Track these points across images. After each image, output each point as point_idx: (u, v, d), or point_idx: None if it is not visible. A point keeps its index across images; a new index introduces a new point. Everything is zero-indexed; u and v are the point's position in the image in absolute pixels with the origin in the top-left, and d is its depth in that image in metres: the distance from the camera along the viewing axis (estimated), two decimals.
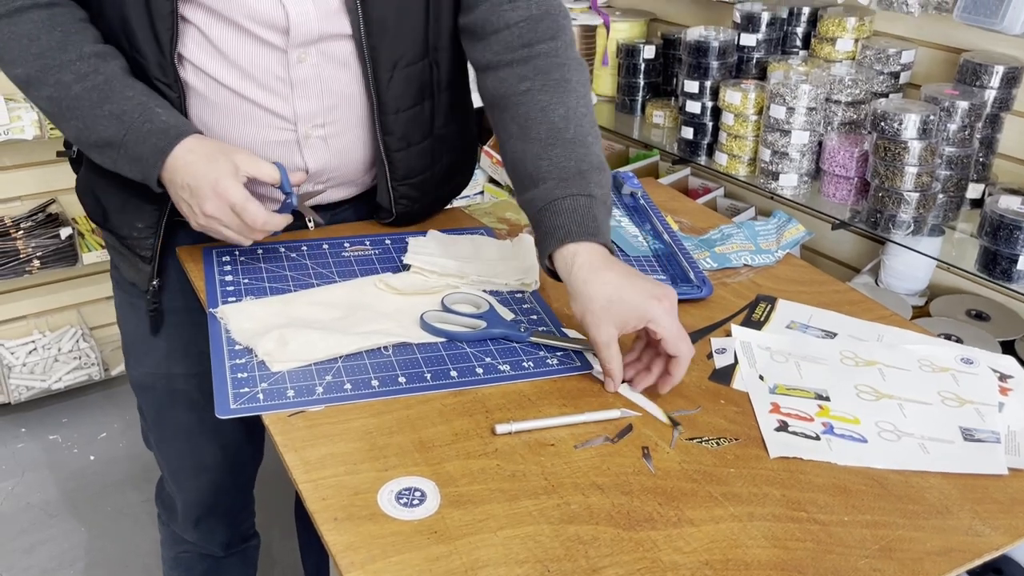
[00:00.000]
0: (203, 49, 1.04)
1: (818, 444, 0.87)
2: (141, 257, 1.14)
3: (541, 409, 0.90)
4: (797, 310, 1.11)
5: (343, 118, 1.11)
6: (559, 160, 0.98)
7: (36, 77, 1.01)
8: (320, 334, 0.96)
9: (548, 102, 1.00)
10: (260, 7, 1.01)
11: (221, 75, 1.05)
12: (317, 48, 1.06)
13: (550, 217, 0.96)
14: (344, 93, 1.10)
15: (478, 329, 1.01)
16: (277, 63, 1.05)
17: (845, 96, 1.72)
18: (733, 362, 1.00)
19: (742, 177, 1.84)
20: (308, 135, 1.11)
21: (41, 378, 2.38)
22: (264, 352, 0.94)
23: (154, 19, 1.00)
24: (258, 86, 1.06)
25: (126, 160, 1.01)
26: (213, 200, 0.98)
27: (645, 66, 2.15)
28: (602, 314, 0.90)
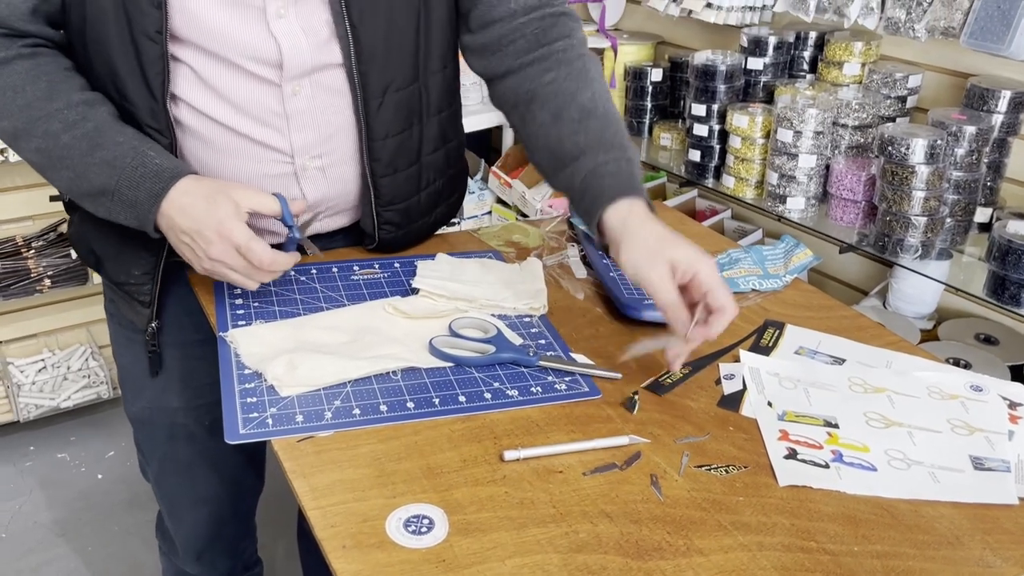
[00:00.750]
0: (196, 88, 1.03)
1: (827, 472, 0.87)
2: (139, 302, 1.13)
3: (549, 435, 0.90)
4: (806, 336, 1.11)
5: (339, 147, 1.11)
6: (595, 132, 1.02)
7: (24, 129, 0.99)
8: (329, 359, 0.97)
9: (575, 88, 1.05)
10: (252, 43, 1.00)
11: (216, 113, 1.04)
12: (310, 79, 1.05)
13: (598, 180, 0.99)
14: (338, 122, 1.09)
15: (487, 354, 1.01)
16: (272, 97, 1.04)
17: (852, 120, 1.72)
18: (742, 388, 1.00)
19: (749, 200, 1.85)
20: (306, 167, 1.10)
21: (50, 396, 2.39)
22: (273, 377, 0.94)
23: (144, 64, 0.99)
24: (254, 121, 1.05)
25: (121, 207, 0.99)
26: (217, 243, 0.96)
27: (652, 89, 2.16)
28: (657, 254, 0.92)
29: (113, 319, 1.25)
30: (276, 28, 1.00)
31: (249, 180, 1.08)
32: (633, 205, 0.97)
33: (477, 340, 1.03)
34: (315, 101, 1.06)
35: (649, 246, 0.93)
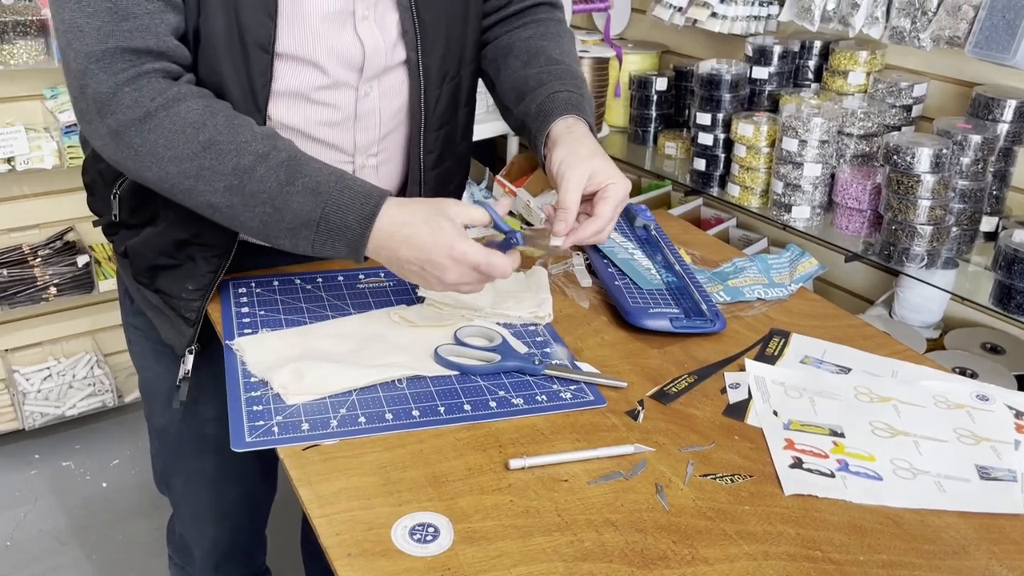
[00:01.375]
0: (277, 99, 1.03)
1: (833, 481, 0.87)
2: (185, 319, 1.10)
3: (555, 444, 0.90)
4: (811, 345, 1.11)
5: (391, 144, 1.16)
6: (557, 74, 1.14)
7: (208, 168, 0.93)
8: (335, 367, 0.97)
9: (548, 45, 1.18)
10: (343, 46, 1.03)
11: (287, 118, 1.05)
12: (378, 80, 1.09)
13: (551, 102, 1.11)
14: (395, 121, 1.14)
15: (492, 363, 1.01)
16: (348, 99, 1.07)
17: (857, 129, 1.72)
18: (747, 397, 1.00)
19: (754, 208, 1.85)
20: (363, 165, 1.14)
21: (55, 404, 2.39)
22: (279, 385, 0.94)
23: (252, 75, 0.99)
24: (328, 124, 1.08)
25: (328, 236, 0.95)
26: (453, 268, 0.94)
27: (657, 98, 2.17)
28: (583, 160, 1.04)
29: (139, 333, 1.23)
30: (362, 30, 1.04)
31: None
32: (578, 122, 1.10)
33: (482, 349, 1.03)
34: (380, 101, 1.11)
35: (579, 152, 1.05)
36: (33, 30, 2.07)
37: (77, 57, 0.92)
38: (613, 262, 1.25)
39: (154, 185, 0.97)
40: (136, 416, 2.57)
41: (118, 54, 0.92)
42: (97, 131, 0.95)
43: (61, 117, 2.17)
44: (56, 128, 2.18)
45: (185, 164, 0.93)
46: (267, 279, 1.18)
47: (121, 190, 1.10)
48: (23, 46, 2.06)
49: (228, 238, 1.07)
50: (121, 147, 0.94)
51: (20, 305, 2.25)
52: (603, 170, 1.05)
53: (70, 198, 2.40)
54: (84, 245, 2.37)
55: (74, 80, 0.93)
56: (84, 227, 2.44)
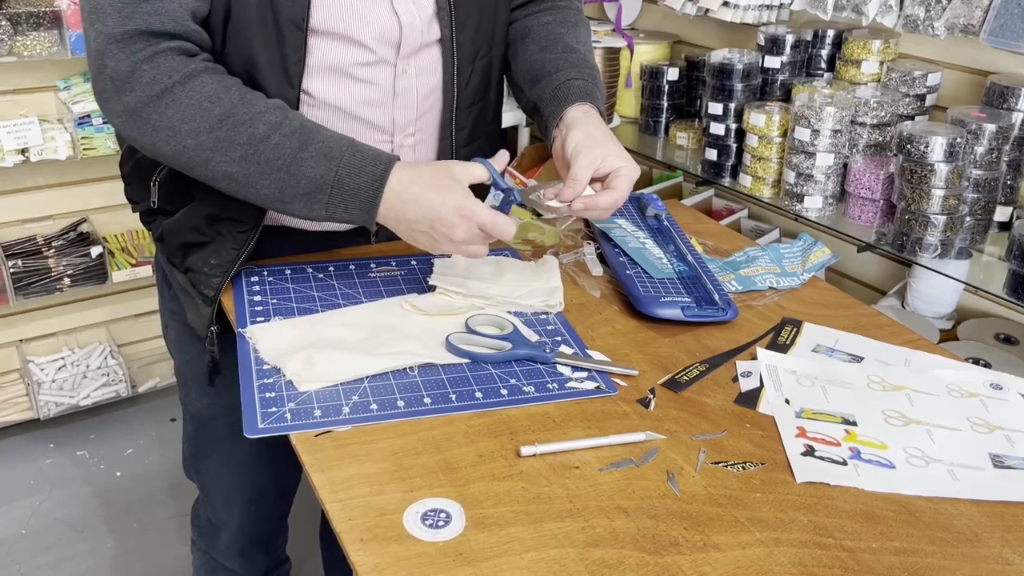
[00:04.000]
0: (319, 74, 1.05)
1: (845, 469, 0.87)
2: (203, 296, 1.11)
3: (566, 431, 0.90)
4: (823, 333, 1.11)
5: (428, 124, 1.17)
6: (574, 62, 1.17)
7: (225, 139, 0.96)
8: (347, 354, 0.97)
9: (566, 32, 1.21)
10: (380, 22, 1.05)
11: (330, 96, 1.07)
12: (415, 57, 1.11)
13: (566, 88, 1.14)
14: (431, 99, 1.16)
15: (503, 351, 1.01)
16: (386, 76, 1.09)
17: (870, 118, 1.71)
18: (759, 385, 1.00)
19: (766, 199, 1.84)
20: (401, 144, 1.15)
21: (70, 394, 2.41)
22: (292, 372, 0.95)
23: (285, 53, 1.01)
24: (365, 102, 1.09)
25: (341, 199, 0.97)
26: (462, 225, 0.96)
27: (669, 88, 2.16)
28: (596, 144, 1.07)
29: (176, 318, 1.25)
30: (398, 6, 1.07)
31: None
32: (592, 110, 1.13)
33: (493, 337, 1.03)
34: (416, 80, 1.12)
35: (595, 135, 1.08)
36: (47, 22, 2.08)
37: (97, 37, 0.95)
38: (624, 251, 1.25)
39: (170, 159, 0.99)
40: (150, 406, 2.59)
41: (136, 36, 0.95)
42: (114, 109, 0.97)
43: (75, 108, 2.18)
44: (70, 119, 2.19)
45: (202, 136, 0.96)
46: (279, 268, 1.18)
47: (161, 177, 1.12)
48: (36, 38, 2.07)
49: (256, 214, 1.09)
50: (139, 123, 0.97)
51: (35, 295, 2.27)
52: (617, 154, 1.08)
53: (84, 189, 2.41)
54: (98, 236, 2.39)
55: (93, 60, 0.96)
56: (98, 218, 2.45)
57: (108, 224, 2.48)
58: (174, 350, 1.30)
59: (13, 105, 2.24)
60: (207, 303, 1.11)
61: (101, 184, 2.42)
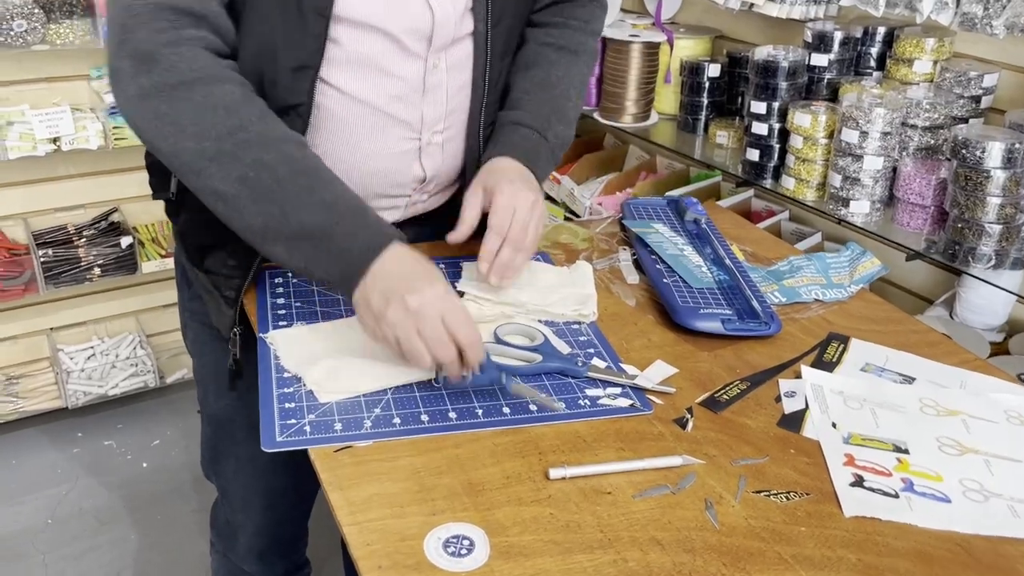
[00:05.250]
0: (342, 65, 1.01)
1: (897, 503, 0.81)
2: (225, 298, 1.07)
3: (597, 452, 0.85)
4: (872, 351, 1.05)
5: (457, 120, 1.13)
6: (538, 102, 1.14)
7: (229, 153, 0.90)
8: (370, 364, 0.93)
9: (556, 60, 1.16)
10: (412, 13, 1.00)
11: (358, 89, 1.02)
12: (446, 52, 1.06)
13: (509, 134, 1.12)
14: (460, 95, 1.11)
15: (534, 363, 0.97)
16: (415, 71, 1.04)
17: (922, 120, 1.64)
18: (804, 407, 0.94)
19: (810, 202, 1.77)
20: (429, 142, 1.10)
21: (98, 384, 2.41)
22: (312, 381, 0.91)
23: (305, 39, 0.96)
24: (394, 97, 1.04)
25: (326, 254, 0.90)
26: (434, 324, 0.85)
27: (709, 85, 2.09)
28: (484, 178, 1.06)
29: (196, 318, 1.22)
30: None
31: (375, 156, 1.07)
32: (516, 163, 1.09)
33: (523, 348, 0.99)
34: (447, 75, 1.08)
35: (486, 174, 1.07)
36: (80, 10, 2.06)
37: (119, 11, 0.90)
38: (661, 258, 1.20)
39: (165, 157, 0.94)
40: (177, 397, 2.58)
41: (159, 11, 0.89)
42: (125, 90, 0.91)
43: (107, 98, 2.16)
44: (102, 108, 2.18)
45: (205, 143, 0.90)
46: None
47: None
48: (70, 26, 2.05)
49: None
50: (145, 109, 0.91)
51: (64, 285, 2.27)
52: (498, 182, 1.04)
53: (115, 179, 2.40)
54: (128, 226, 2.38)
55: (114, 35, 0.91)
56: (129, 208, 2.44)
57: (139, 214, 2.47)
58: (193, 350, 1.27)
59: (47, 93, 2.23)
60: (229, 304, 1.08)
61: (133, 174, 2.40)
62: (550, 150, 1.13)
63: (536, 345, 1.00)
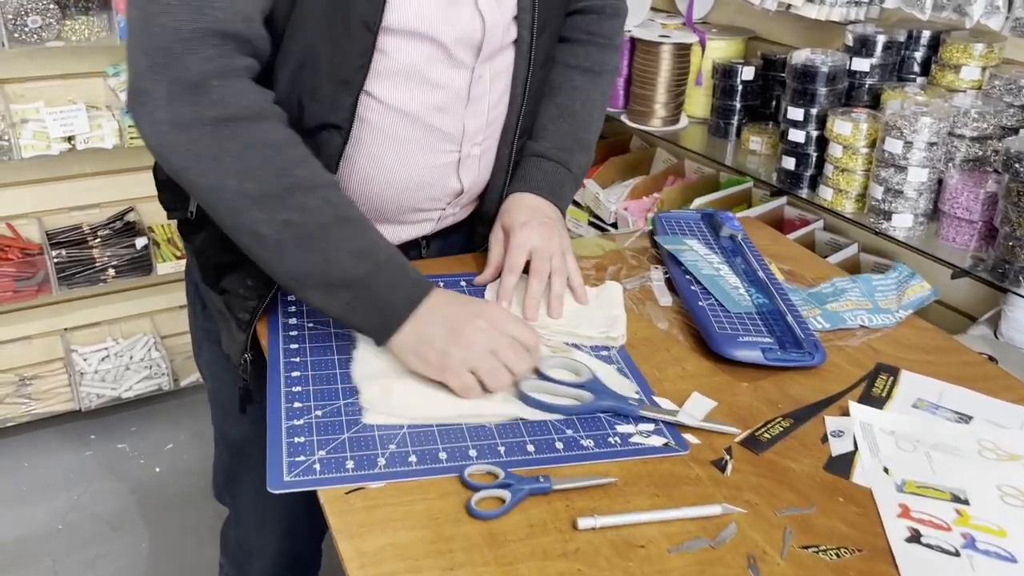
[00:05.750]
0: (387, 77, 0.95)
1: (958, 563, 0.74)
2: (238, 321, 1.02)
3: (630, 499, 0.79)
4: (924, 385, 0.98)
5: (494, 132, 1.10)
6: (562, 132, 1.14)
7: (276, 196, 0.86)
8: (423, 392, 0.88)
9: (580, 85, 1.16)
10: (463, 21, 0.97)
11: (401, 101, 0.98)
12: (491, 61, 1.03)
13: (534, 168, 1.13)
14: (500, 105, 1.08)
15: (585, 402, 0.89)
16: (462, 81, 1.01)
17: (970, 130, 1.55)
18: (852, 449, 0.87)
19: (848, 214, 1.69)
20: (468, 154, 1.07)
21: (112, 386, 2.37)
22: (366, 399, 0.87)
23: (350, 55, 0.91)
24: (436, 108, 1.00)
25: (365, 305, 0.89)
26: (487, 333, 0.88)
27: (743, 88, 2.01)
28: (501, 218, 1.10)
29: (210, 338, 1.16)
30: (482, 5, 0.98)
31: (413, 170, 1.03)
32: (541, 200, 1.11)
33: (571, 385, 0.91)
34: (489, 84, 1.04)
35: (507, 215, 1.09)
36: (95, 5, 2.02)
37: (163, 34, 0.83)
38: (696, 278, 1.13)
39: (199, 191, 0.89)
40: (191, 400, 2.54)
41: (207, 36, 0.83)
42: (152, 114, 0.85)
43: (123, 96, 2.12)
44: (118, 107, 2.13)
45: (249, 183, 0.86)
46: None
47: None
48: (85, 22, 2.01)
49: None
50: (180, 139, 0.85)
51: (78, 286, 2.23)
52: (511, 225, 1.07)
53: (131, 177, 2.36)
54: (144, 226, 2.34)
55: (150, 55, 0.83)
56: (144, 207, 2.40)
57: (155, 214, 2.43)
58: (207, 373, 1.22)
59: (63, 90, 2.19)
60: (241, 328, 1.02)
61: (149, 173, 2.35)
62: (573, 180, 1.15)
63: (584, 382, 0.92)
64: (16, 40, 1.93)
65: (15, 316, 2.33)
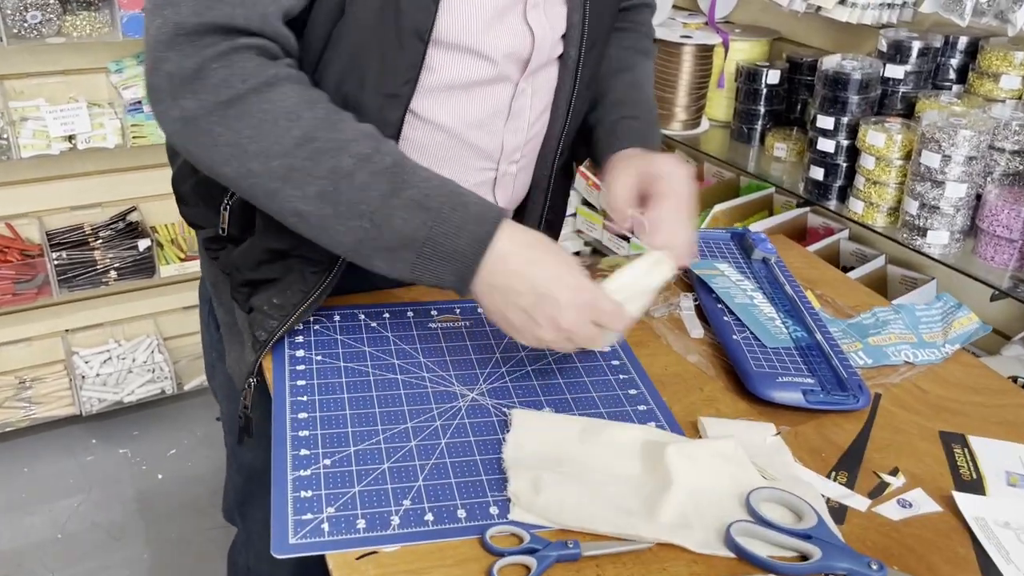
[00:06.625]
0: (430, 93, 0.90)
1: None
2: (255, 339, 0.94)
3: (666, 566, 0.72)
4: (1002, 453, 0.88)
5: (531, 150, 1.05)
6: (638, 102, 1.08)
7: (301, 168, 0.79)
8: (578, 495, 0.77)
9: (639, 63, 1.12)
10: (512, 33, 0.91)
11: (442, 117, 0.92)
12: (534, 77, 0.98)
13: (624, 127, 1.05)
14: (540, 122, 1.03)
15: (812, 559, 0.72)
16: (504, 97, 0.95)
17: (1010, 143, 1.48)
18: None
19: (880, 228, 1.62)
20: (505, 172, 1.02)
21: (114, 390, 2.31)
22: (514, 491, 0.77)
23: (400, 66, 0.85)
24: (476, 124, 0.95)
25: (434, 261, 0.81)
26: (573, 311, 0.80)
27: (767, 92, 1.94)
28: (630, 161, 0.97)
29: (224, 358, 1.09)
30: (532, 18, 0.93)
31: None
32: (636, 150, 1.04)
33: (791, 533, 0.74)
34: (531, 100, 0.99)
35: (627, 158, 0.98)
36: (97, 0, 1.94)
37: (164, 27, 0.77)
38: (729, 308, 1.06)
39: (231, 182, 0.82)
40: (195, 404, 2.49)
41: (211, 30, 0.77)
42: (167, 113, 0.80)
43: (126, 94, 2.05)
44: (120, 105, 2.07)
45: (273, 161, 0.79)
46: (327, 312, 1.02)
47: (233, 201, 0.95)
48: (87, 17, 1.94)
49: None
50: (196, 134, 0.80)
51: (79, 288, 2.17)
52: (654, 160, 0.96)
53: (134, 176, 2.30)
54: (147, 227, 2.27)
55: (152, 51, 0.78)
56: (148, 207, 2.34)
57: (158, 214, 2.36)
58: (221, 395, 1.15)
59: (64, 87, 2.12)
60: (256, 347, 0.94)
61: (152, 171, 2.30)
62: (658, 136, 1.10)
63: (808, 528, 0.75)
64: (15, 36, 1.87)
65: (14, 317, 2.28)
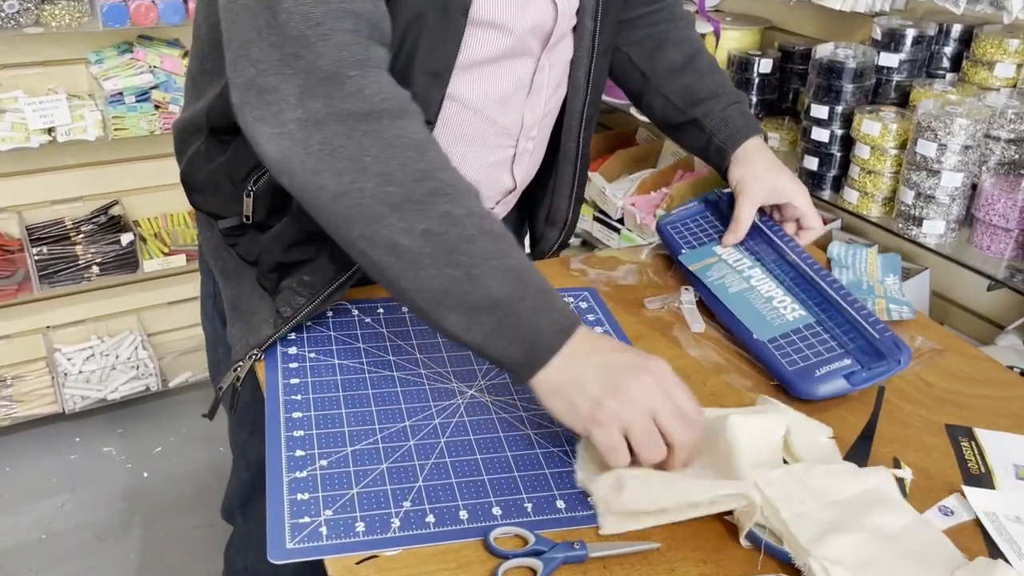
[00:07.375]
0: (462, 71, 0.89)
1: None
2: (277, 314, 0.91)
3: (674, 567, 0.70)
4: (1010, 446, 0.86)
5: (545, 126, 1.06)
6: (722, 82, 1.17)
7: (418, 202, 0.75)
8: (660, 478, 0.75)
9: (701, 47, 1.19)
10: (538, 7, 0.92)
11: (468, 95, 0.92)
12: (552, 51, 0.98)
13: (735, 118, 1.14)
14: (556, 96, 1.04)
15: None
16: (527, 71, 0.96)
17: (1006, 132, 1.47)
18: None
19: (875, 218, 1.61)
20: (523, 149, 1.03)
21: (97, 388, 2.28)
22: (600, 498, 0.74)
23: (448, 44, 0.84)
24: (499, 100, 0.95)
25: (510, 331, 0.76)
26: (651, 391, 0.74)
27: (759, 81, 1.92)
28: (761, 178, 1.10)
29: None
30: None
31: (470, 172, 0.89)
32: (756, 139, 1.14)
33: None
34: (550, 74, 1.00)
35: (755, 170, 1.10)
36: None
37: (291, 20, 0.74)
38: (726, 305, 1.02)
39: (327, 199, 0.77)
40: (180, 401, 2.45)
41: (341, 18, 0.75)
42: (281, 115, 0.75)
43: (106, 85, 2.01)
44: (101, 97, 2.02)
45: (390, 187, 0.75)
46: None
47: (258, 187, 0.91)
48: (65, 7, 1.89)
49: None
50: (312, 139, 0.75)
51: (61, 284, 2.13)
52: (784, 185, 1.10)
53: (116, 169, 2.26)
54: (129, 221, 2.23)
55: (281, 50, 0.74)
56: (130, 200, 2.30)
57: (141, 207, 2.32)
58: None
59: (43, 78, 2.08)
60: (274, 324, 0.90)
61: (134, 164, 2.26)
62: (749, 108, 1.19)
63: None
64: None
65: None
